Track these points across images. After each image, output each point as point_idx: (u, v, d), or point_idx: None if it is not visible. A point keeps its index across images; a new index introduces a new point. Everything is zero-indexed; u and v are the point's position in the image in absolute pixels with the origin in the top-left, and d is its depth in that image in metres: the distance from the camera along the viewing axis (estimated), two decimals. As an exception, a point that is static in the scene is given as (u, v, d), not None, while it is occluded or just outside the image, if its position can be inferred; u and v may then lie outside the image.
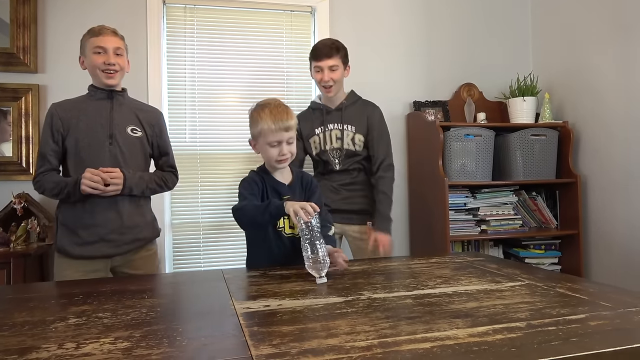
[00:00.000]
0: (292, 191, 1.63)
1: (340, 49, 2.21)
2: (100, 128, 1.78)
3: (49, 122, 1.77)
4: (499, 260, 1.70)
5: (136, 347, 0.85)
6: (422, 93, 3.06)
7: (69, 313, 1.08)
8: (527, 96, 2.87)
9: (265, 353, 0.81)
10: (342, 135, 2.23)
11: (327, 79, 2.17)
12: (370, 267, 1.57)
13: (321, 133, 2.26)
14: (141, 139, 1.86)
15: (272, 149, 1.54)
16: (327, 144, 2.25)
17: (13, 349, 0.85)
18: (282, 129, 1.52)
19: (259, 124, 1.54)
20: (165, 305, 1.14)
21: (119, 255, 1.79)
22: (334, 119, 2.26)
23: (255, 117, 1.56)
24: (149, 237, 1.89)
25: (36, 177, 1.76)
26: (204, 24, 2.80)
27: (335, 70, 2.18)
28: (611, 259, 2.66)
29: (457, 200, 2.75)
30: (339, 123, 2.24)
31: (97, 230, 1.74)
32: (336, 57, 2.18)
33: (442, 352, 0.79)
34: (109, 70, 1.78)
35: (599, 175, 2.75)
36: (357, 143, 2.23)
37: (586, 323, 0.93)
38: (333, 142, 2.24)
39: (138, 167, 1.84)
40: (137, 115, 1.87)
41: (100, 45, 1.77)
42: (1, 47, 2.48)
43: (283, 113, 1.53)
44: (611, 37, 2.64)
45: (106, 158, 1.76)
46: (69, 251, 1.74)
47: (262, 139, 1.55)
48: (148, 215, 1.90)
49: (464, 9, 3.18)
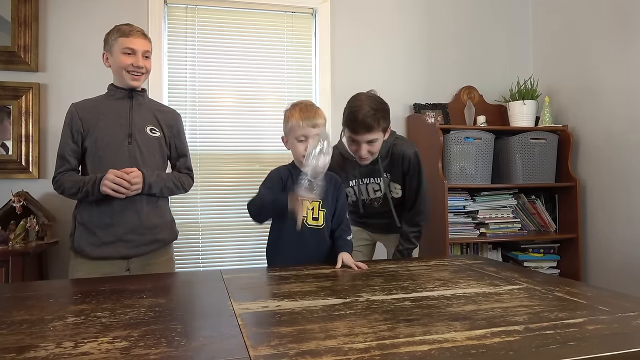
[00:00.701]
0: (326, 189, 1.67)
1: (381, 119, 1.78)
2: (119, 127, 1.77)
3: (69, 122, 1.76)
4: (497, 264, 1.70)
5: (134, 346, 0.85)
6: (423, 95, 3.06)
7: (68, 312, 1.08)
8: (527, 100, 2.88)
9: (263, 354, 0.81)
10: (380, 188, 1.99)
11: (365, 154, 1.82)
12: (368, 269, 1.57)
13: (356, 186, 2.01)
14: (159, 139, 1.85)
15: (300, 144, 1.62)
16: (363, 195, 2.03)
17: (11, 347, 0.85)
18: (309, 125, 1.60)
19: (289, 120, 1.64)
20: (164, 305, 1.14)
21: (136, 257, 1.77)
22: (370, 173, 1.97)
23: (287, 115, 1.67)
24: (167, 238, 1.87)
25: (55, 177, 1.75)
26: (205, 24, 2.80)
27: (374, 143, 1.81)
28: (610, 263, 2.67)
29: (456, 203, 2.75)
30: (376, 177, 1.97)
31: (115, 230, 1.72)
32: (377, 130, 1.78)
33: (440, 354, 0.80)
34: (135, 72, 1.78)
35: (598, 180, 2.75)
36: (393, 191, 1.99)
37: (584, 327, 0.94)
38: (370, 193, 2.02)
39: (156, 167, 1.83)
40: (155, 116, 1.87)
41: (130, 47, 1.76)
42: (2, 46, 2.48)
43: (312, 111, 1.63)
44: (612, 41, 2.64)
45: (125, 157, 1.75)
46: (86, 251, 1.72)
47: (292, 134, 1.64)
48: (167, 216, 1.88)
49: (465, 11, 3.18)
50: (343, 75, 2.94)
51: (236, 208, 2.79)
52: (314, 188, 1.49)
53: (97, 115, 1.77)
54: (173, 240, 1.92)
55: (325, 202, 1.69)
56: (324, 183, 1.62)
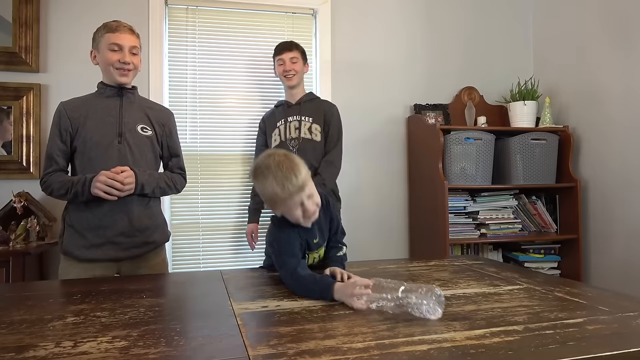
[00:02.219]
0: (320, 233, 1.44)
1: (299, 46, 2.47)
2: (109, 126, 1.72)
3: (57, 121, 1.71)
4: (498, 264, 1.70)
5: (134, 346, 0.85)
6: (423, 96, 3.06)
7: (67, 312, 1.08)
8: (527, 100, 2.88)
9: (262, 353, 0.81)
10: (299, 126, 2.40)
11: (289, 68, 2.41)
12: (368, 269, 1.57)
13: (282, 125, 2.44)
14: (151, 138, 1.80)
15: (296, 211, 1.29)
16: (286, 135, 2.42)
17: (11, 346, 0.85)
18: (294, 192, 1.25)
19: (266, 192, 1.29)
20: (164, 305, 1.14)
21: (127, 260, 1.73)
22: (294, 112, 2.44)
23: (260, 188, 1.31)
24: (159, 240, 1.81)
25: (43, 177, 1.71)
26: (206, 25, 2.80)
27: (296, 63, 2.42)
28: (611, 264, 2.66)
29: (456, 204, 2.74)
30: (297, 115, 2.43)
31: (104, 232, 1.68)
32: (295, 51, 2.43)
33: (439, 354, 0.80)
34: (123, 69, 1.73)
35: (599, 180, 2.75)
36: (314, 132, 2.40)
37: (584, 327, 0.93)
38: (292, 132, 2.41)
39: (148, 166, 1.77)
40: (147, 114, 1.82)
41: (116, 43, 1.71)
42: (3, 46, 2.49)
43: (289, 173, 1.25)
44: (613, 42, 2.64)
45: (115, 157, 1.69)
46: (75, 253, 1.68)
47: (280, 205, 1.31)
48: (158, 218, 1.83)
49: (466, 12, 3.18)
50: (343, 76, 2.94)
51: (236, 209, 2.79)
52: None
53: (86, 114, 1.71)
54: (165, 242, 1.87)
55: (321, 237, 1.45)
56: (321, 226, 1.44)
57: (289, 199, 1.26)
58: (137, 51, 1.77)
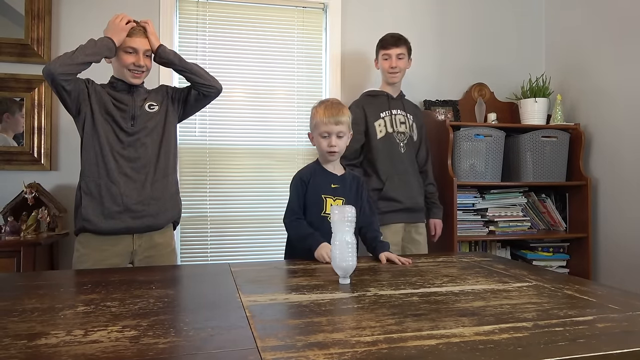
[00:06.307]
0: (342, 182, 1.76)
1: (406, 41, 2.40)
2: (120, 112, 1.81)
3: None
4: (506, 261, 1.69)
5: (143, 335, 0.86)
6: (433, 92, 3.04)
7: (78, 301, 1.10)
8: (538, 97, 2.85)
9: (271, 345, 0.81)
10: (405, 121, 2.38)
11: (395, 65, 2.34)
12: (376, 265, 1.57)
13: (387, 117, 2.36)
14: (160, 112, 1.88)
15: (323, 140, 1.70)
16: (393, 127, 2.35)
17: (23, 334, 0.87)
18: (332, 122, 1.67)
19: (314, 117, 1.73)
20: (173, 296, 1.15)
21: (142, 233, 1.80)
22: (397, 105, 2.40)
23: (313, 112, 1.75)
24: (171, 214, 1.89)
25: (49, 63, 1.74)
26: (217, 19, 2.80)
27: (402, 59, 2.36)
28: (620, 263, 2.64)
29: (465, 201, 2.73)
30: (401, 110, 2.40)
31: (122, 199, 1.75)
32: (403, 47, 2.37)
33: (447, 349, 0.79)
34: (136, 71, 1.82)
35: (609, 179, 2.72)
36: (414, 131, 2.41)
37: (594, 325, 0.93)
38: (398, 126, 2.36)
39: (160, 138, 1.86)
40: (151, 96, 1.91)
41: (131, 46, 1.80)
42: (16, 39, 2.51)
43: (336, 108, 1.69)
44: (625, 39, 2.61)
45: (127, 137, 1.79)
46: (94, 221, 1.73)
47: (316, 131, 1.72)
48: (174, 190, 1.92)
49: (478, 8, 3.15)
50: (353, 71, 2.94)
51: (245, 202, 2.80)
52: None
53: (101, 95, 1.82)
54: (177, 217, 1.95)
55: (347, 200, 1.73)
56: (347, 182, 1.77)
57: (323, 125, 1.67)
58: (149, 54, 1.87)
